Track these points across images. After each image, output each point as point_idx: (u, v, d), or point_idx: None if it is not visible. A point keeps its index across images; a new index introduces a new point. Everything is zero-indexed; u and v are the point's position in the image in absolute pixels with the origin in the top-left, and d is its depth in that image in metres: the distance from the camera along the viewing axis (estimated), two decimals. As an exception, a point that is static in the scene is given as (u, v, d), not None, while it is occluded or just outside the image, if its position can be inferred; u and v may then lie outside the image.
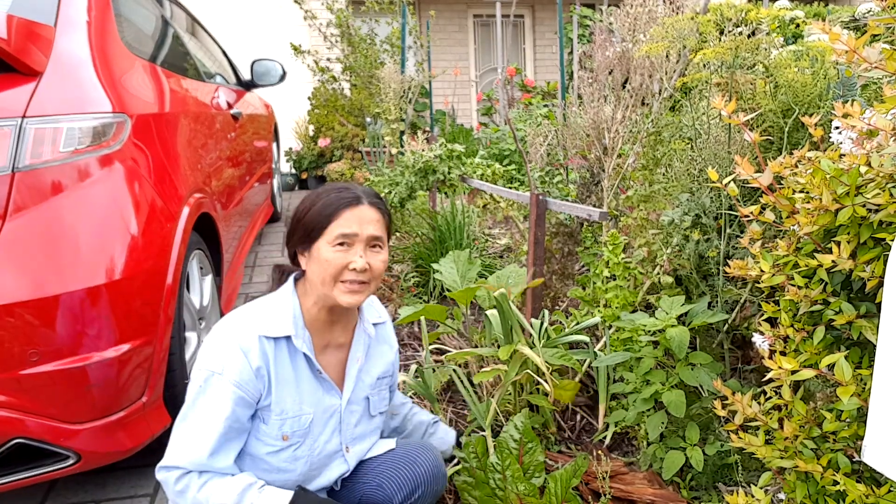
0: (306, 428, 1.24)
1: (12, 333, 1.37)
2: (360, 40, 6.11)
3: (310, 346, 1.24)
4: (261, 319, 1.21)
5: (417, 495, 1.33)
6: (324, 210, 1.21)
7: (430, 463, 1.36)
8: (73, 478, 1.79)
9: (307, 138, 6.72)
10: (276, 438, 1.21)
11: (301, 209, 1.25)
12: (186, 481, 1.12)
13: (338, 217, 1.20)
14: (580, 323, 1.96)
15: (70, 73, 1.62)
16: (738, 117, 1.15)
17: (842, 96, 1.48)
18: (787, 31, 2.75)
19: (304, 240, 1.23)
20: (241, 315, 1.22)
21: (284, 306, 1.23)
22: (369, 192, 1.27)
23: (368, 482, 1.34)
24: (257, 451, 1.22)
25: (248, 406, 1.17)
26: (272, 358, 1.19)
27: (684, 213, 1.77)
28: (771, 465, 1.07)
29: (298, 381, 1.23)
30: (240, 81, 3.69)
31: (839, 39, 0.91)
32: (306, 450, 1.25)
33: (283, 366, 1.21)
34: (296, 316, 1.23)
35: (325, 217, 1.20)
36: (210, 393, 1.14)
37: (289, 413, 1.21)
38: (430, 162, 2.98)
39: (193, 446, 1.13)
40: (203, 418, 1.14)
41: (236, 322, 1.20)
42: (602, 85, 2.41)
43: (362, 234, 1.21)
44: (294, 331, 1.21)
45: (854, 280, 0.97)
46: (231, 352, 1.16)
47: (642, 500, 1.54)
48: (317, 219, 1.21)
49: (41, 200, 1.46)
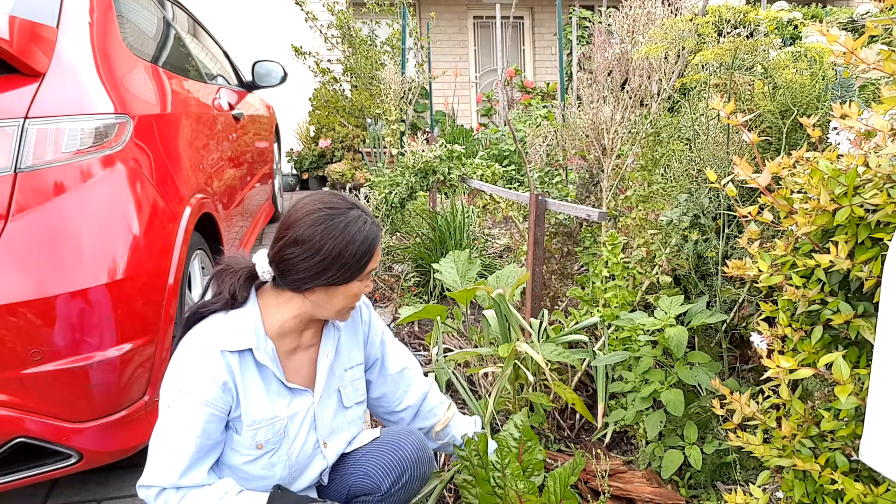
0: (280, 433, 1.24)
1: (15, 333, 1.37)
2: (360, 42, 6.12)
3: (273, 356, 1.22)
4: (221, 334, 1.18)
5: (404, 480, 1.34)
6: (363, 251, 1.18)
7: (414, 447, 1.36)
8: (74, 477, 1.79)
9: (308, 139, 6.72)
10: (251, 448, 1.21)
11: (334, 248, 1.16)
12: (165, 497, 1.13)
13: (374, 255, 1.21)
14: (579, 322, 1.97)
15: (72, 74, 1.63)
16: (736, 118, 1.16)
17: (840, 97, 1.49)
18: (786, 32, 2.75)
19: (339, 280, 1.18)
20: (203, 331, 1.20)
21: (245, 319, 1.21)
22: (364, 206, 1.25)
23: (355, 472, 1.35)
24: (234, 461, 1.22)
25: (219, 420, 1.17)
26: (237, 370, 1.18)
27: (683, 213, 1.78)
28: (769, 463, 1.07)
29: (268, 388, 1.22)
30: (241, 82, 3.70)
31: (837, 41, 0.92)
32: (283, 455, 1.25)
33: (250, 376, 1.20)
34: (257, 327, 1.21)
35: (365, 259, 1.19)
36: (178, 412, 1.14)
37: (261, 422, 1.21)
38: (430, 162, 2.99)
39: (166, 466, 1.13)
40: (173, 438, 1.14)
41: (198, 339, 1.19)
42: (601, 86, 2.41)
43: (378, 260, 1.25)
44: (255, 343, 1.19)
45: (852, 280, 0.97)
46: (195, 369, 1.15)
47: (640, 498, 1.54)
48: (356, 261, 1.18)
49: (43, 201, 1.46)
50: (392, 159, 4.79)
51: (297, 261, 1.17)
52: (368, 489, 1.33)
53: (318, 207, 1.19)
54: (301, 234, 1.16)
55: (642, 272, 1.99)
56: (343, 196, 1.24)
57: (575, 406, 1.73)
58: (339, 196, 1.24)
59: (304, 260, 1.16)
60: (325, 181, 6.28)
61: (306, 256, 1.16)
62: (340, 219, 1.17)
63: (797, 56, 1.68)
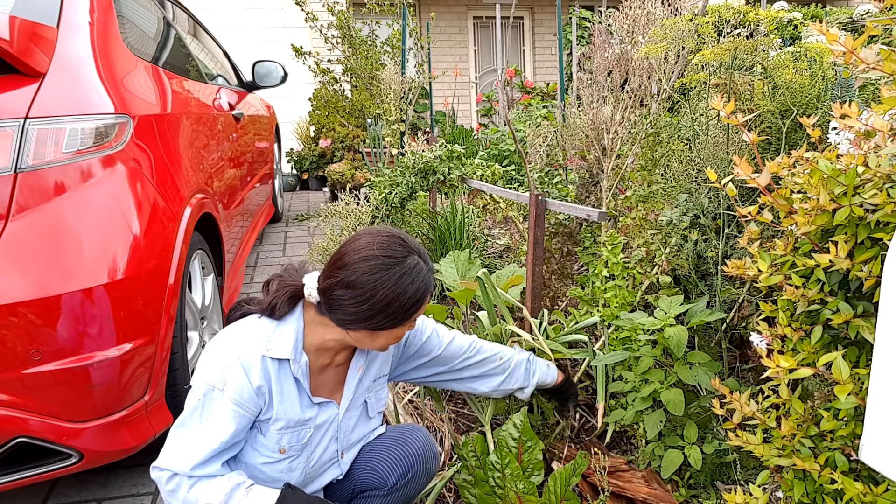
0: (304, 441, 1.25)
1: (15, 333, 1.37)
2: (360, 42, 6.12)
3: (304, 370, 1.22)
4: (265, 339, 1.19)
5: (411, 475, 1.35)
6: (413, 302, 1.16)
7: (421, 442, 1.37)
8: (74, 477, 1.79)
9: (308, 139, 6.72)
10: (273, 451, 1.22)
11: (385, 296, 1.13)
12: (177, 482, 1.14)
13: (424, 304, 1.18)
14: (579, 322, 1.97)
15: (72, 74, 1.63)
16: (736, 118, 1.16)
17: (839, 97, 1.49)
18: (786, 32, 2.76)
19: (385, 326, 1.17)
20: (244, 331, 1.20)
21: (288, 329, 1.21)
22: (422, 252, 1.20)
23: (362, 467, 1.36)
24: (253, 460, 1.23)
25: (246, 422, 1.18)
26: (274, 377, 1.19)
27: (683, 213, 1.78)
28: (769, 463, 1.07)
29: (301, 397, 1.24)
30: (241, 83, 3.70)
31: (837, 41, 0.92)
32: (302, 461, 1.26)
33: (287, 383, 1.21)
34: (297, 341, 1.21)
35: (414, 310, 1.17)
36: (209, 407, 1.14)
37: (290, 429, 1.22)
38: (430, 162, 2.99)
39: (186, 455, 1.13)
40: (199, 431, 1.14)
41: (240, 338, 1.19)
42: (601, 86, 2.41)
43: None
44: (293, 355, 1.20)
45: (851, 280, 0.97)
46: (233, 368, 1.15)
47: (636, 497, 1.55)
48: (405, 311, 1.16)
49: (44, 201, 1.46)
50: (392, 159, 4.79)
51: (345, 303, 1.15)
52: (375, 484, 1.34)
53: (376, 254, 1.15)
54: (354, 280, 1.14)
55: (642, 272, 1.99)
56: (403, 239, 1.19)
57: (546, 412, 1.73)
58: (399, 240, 1.19)
59: (353, 305, 1.14)
60: (325, 181, 6.27)
61: (355, 302, 1.14)
62: (396, 269, 1.14)
63: (797, 56, 1.68)
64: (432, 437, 1.45)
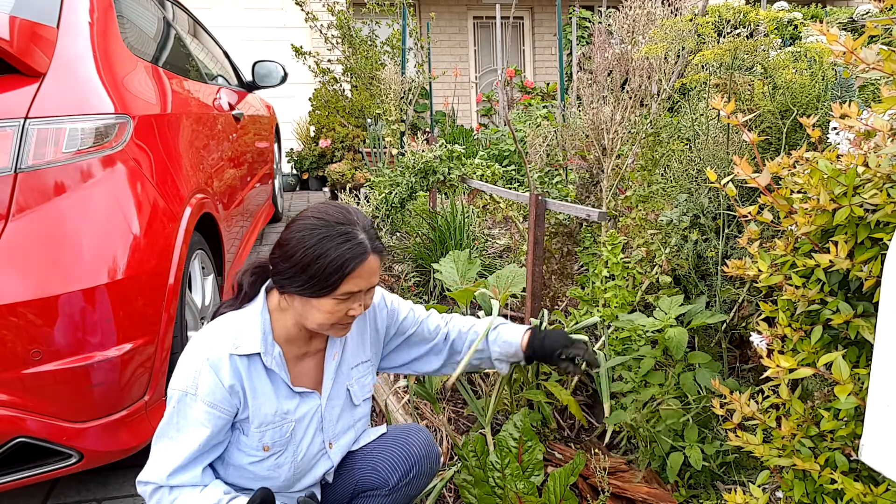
0: (287, 436, 1.24)
1: (15, 333, 1.37)
2: (360, 42, 6.12)
3: (280, 361, 1.22)
4: (230, 337, 1.18)
5: (412, 475, 1.34)
6: (333, 269, 1.12)
7: (422, 442, 1.37)
8: (74, 477, 1.79)
9: (308, 139, 6.73)
10: (257, 449, 1.21)
11: (304, 257, 1.12)
12: (159, 495, 1.14)
13: (348, 277, 1.13)
14: (579, 322, 1.97)
15: (72, 74, 1.63)
16: (736, 118, 1.16)
17: (839, 97, 1.49)
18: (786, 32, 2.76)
19: (309, 292, 1.15)
20: (211, 332, 1.20)
21: (253, 322, 1.21)
22: (369, 229, 1.18)
23: (363, 467, 1.35)
24: (240, 461, 1.22)
25: (223, 423, 1.17)
26: (245, 374, 1.18)
27: (683, 213, 1.78)
28: (769, 463, 1.07)
29: (276, 391, 1.23)
30: (241, 83, 3.70)
31: (837, 41, 0.92)
32: (289, 456, 1.25)
33: (259, 379, 1.21)
34: (265, 332, 1.20)
35: (335, 279, 1.13)
36: (183, 413, 1.14)
37: (268, 424, 1.21)
38: (430, 162, 2.99)
39: (164, 464, 1.14)
40: (177, 438, 1.14)
41: (206, 340, 1.19)
42: (601, 86, 2.41)
43: (366, 288, 1.18)
44: (263, 348, 1.19)
45: (851, 280, 0.97)
46: (202, 371, 1.15)
47: (636, 498, 1.55)
48: (325, 278, 1.12)
49: (44, 201, 1.46)
50: (392, 159, 4.79)
51: (277, 261, 1.17)
52: (376, 484, 1.33)
53: (311, 215, 1.17)
54: (284, 237, 1.17)
55: (642, 272, 1.99)
56: (347, 210, 1.18)
57: (570, 408, 1.73)
58: (344, 210, 1.18)
59: (281, 262, 1.16)
60: (325, 181, 6.27)
61: (282, 259, 1.16)
62: (321, 231, 1.14)
63: (797, 56, 1.68)
64: (433, 437, 1.44)
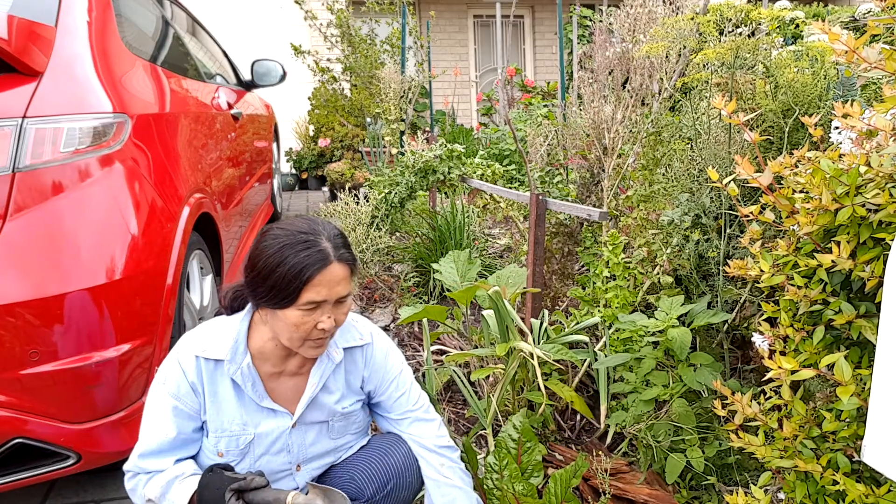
0: (244, 448, 1.24)
1: (13, 333, 1.37)
2: (360, 41, 6.11)
3: (248, 372, 1.21)
4: (203, 340, 1.22)
5: (389, 487, 1.32)
6: (292, 276, 1.10)
7: (402, 455, 1.34)
8: (73, 478, 1.79)
9: (307, 138, 6.72)
10: (213, 453, 1.24)
11: (264, 266, 1.13)
12: (135, 481, 1.21)
13: (308, 285, 1.11)
14: (580, 323, 1.96)
15: (70, 73, 1.62)
16: (738, 117, 1.15)
17: (841, 96, 1.48)
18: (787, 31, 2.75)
19: (272, 304, 1.14)
20: (192, 333, 1.26)
21: (230, 330, 1.22)
22: (334, 238, 1.16)
23: (341, 475, 1.34)
24: (202, 461, 1.26)
25: (189, 418, 1.22)
26: (206, 377, 1.21)
27: (684, 213, 1.77)
28: (771, 464, 1.07)
29: (240, 401, 1.23)
30: (240, 82, 3.69)
31: (839, 40, 0.91)
32: (245, 467, 1.26)
33: (223, 385, 1.22)
34: (238, 341, 1.21)
35: (295, 286, 1.11)
36: (154, 402, 1.22)
37: (225, 432, 1.23)
38: (430, 162, 2.98)
39: (136, 450, 1.21)
40: (147, 426, 1.21)
41: (185, 340, 1.25)
42: (602, 85, 2.41)
43: (331, 299, 1.14)
44: (230, 356, 1.20)
45: (854, 280, 0.97)
46: (172, 366, 1.21)
47: (637, 499, 1.54)
48: (287, 287, 1.11)
49: (42, 200, 1.46)
50: (392, 159, 4.78)
51: (246, 273, 1.18)
52: (353, 495, 1.31)
53: (277, 226, 1.17)
54: (251, 249, 1.18)
55: (643, 272, 1.98)
56: (314, 223, 1.18)
57: (574, 405, 1.72)
58: (311, 221, 1.18)
59: (248, 273, 1.17)
60: (324, 181, 6.27)
61: (249, 270, 1.17)
62: (282, 239, 1.14)
63: (799, 55, 1.67)
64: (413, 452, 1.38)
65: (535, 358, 1.65)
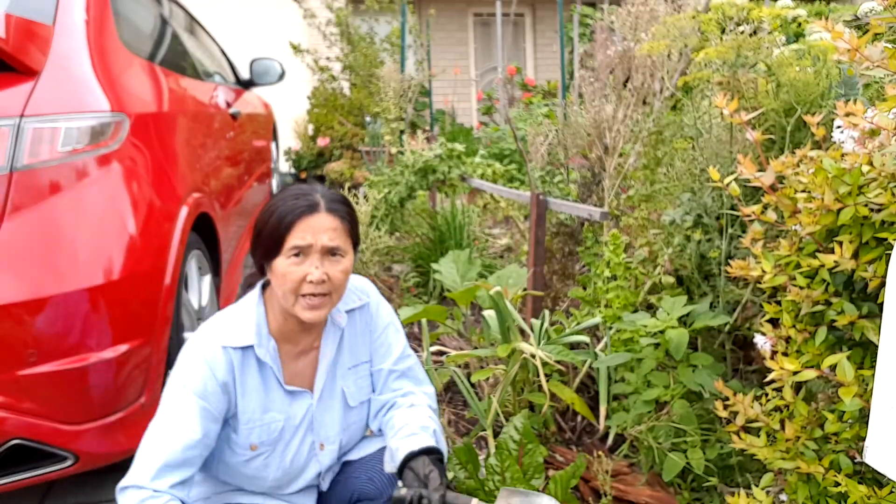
0: (276, 435, 1.23)
1: (10, 334, 1.36)
2: (359, 39, 6.10)
3: (274, 355, 1.21)
4: (224, 330, 1.19)
5: None
6: (279, 223, 1.14)
7: None
8: (71, 479, 1.78)
9: (306, 137, 6.71)
10: (245, 448, 1.21)
11: (260, 221, 1.18)
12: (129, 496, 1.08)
13: (293, 229, 1.14)
14: (581, 323, 1.95)
15: (68, 72, 1.61)
16: (739, 116, 1.15)
17: (844, 95, 1.47)
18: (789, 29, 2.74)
19: (265, 255, 1.17)
20: (206, 327, 1.21)
21: (248, 315, 1.21)
22: (330, 195, 1.20)
23: (359, 476, 1.33)
24: (229, 459, 1.22)
25: (213, 420, 1.15)
26: (238, 368, 1.18)
27: (686, 212, 1.76)
28: (773, 466, 1.06)
29: (267, 388, 1.22)
30: (238, 80, 3.68)
31: (841, 38, 0.91)
32: (277, 457, 1.24)
33: (251, 375, 1.20)
34: (259, 324, 1.20)
35: (280, 231, 1.14)
36: (175, 407, 1.13)
37: (257, 422, 1.21)
38: (429, 161, 2.97)
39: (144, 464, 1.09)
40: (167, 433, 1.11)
41: (202, 334, 1.19)
42: (603, 84, 2.40)
43: (317, 244, 1.14)
44: (257, 340, 1.19)
45: (856, 280, 0.96)
46: (195, 364, 1.15)
47: (639, 501, 1.53)
48: (273, 233, 1.15)
49: (39, 200, 1.45)
50: (391, 158, 4.77)
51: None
52: (372, 494, 1.31)
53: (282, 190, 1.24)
54: None
55: (644, 272, 1.97)
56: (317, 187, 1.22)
57: (574, 406, 1.71)
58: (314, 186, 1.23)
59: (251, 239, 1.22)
60: (323, 180, 6.26)
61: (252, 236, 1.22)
62: (278, 196, 1.20)
63: (801, 54, 1.66)
64: None
65: (536, 359, 1.65)
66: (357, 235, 1.25)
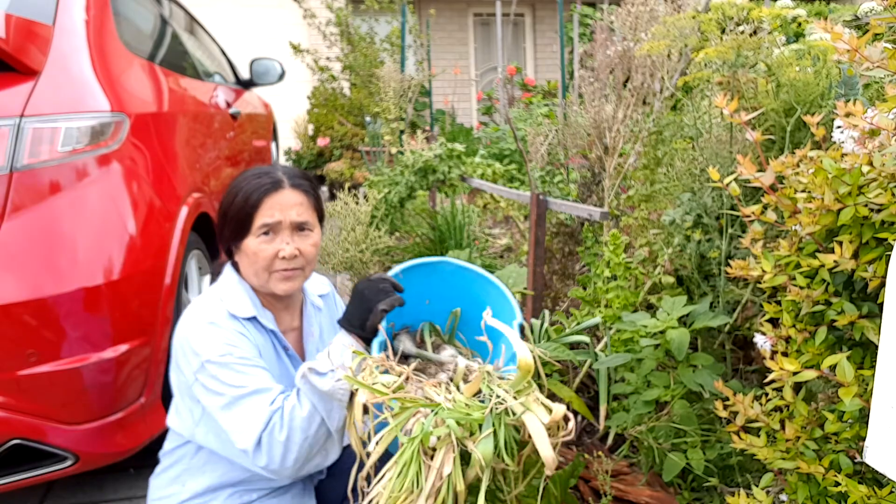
0: None
1: (10, 334, 1.36)
2: (359, 39, 6.10)
3: (275, 324, 1.23)
4: (224, 302, 1.18)
5: None
6: (245, 202, 1.16)
7: None
8: (71, 479, 1.78)
9: (306, 138, 6.70)
10: None
11: (225, 202, 1.20)
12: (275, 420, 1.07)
13: (259, 207, 1.16)
14: (581, 323, 1.95)
15: (68, 72, 1.61)
16: (739, 116, 1.15)
17: (844, 95, 1.47)
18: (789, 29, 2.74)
19: (233, 236, 1.19)
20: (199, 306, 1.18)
21: (236, 291, 1.21)
22: (292, 172, 1.22)
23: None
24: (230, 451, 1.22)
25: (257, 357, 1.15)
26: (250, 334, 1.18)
27: (686, 212, 1.76)
28: (772, 466, 1.06)
29: (268, 361, 1.23)
30: (238, 80, 3.68)
31: (841, 38, 0.91)
32: None
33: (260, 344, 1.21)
34: (251, 298, 1.22)
35: (247, 210, 1.16)
36: (234, 366, 1.10)
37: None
38: (429, 161, 2.97)
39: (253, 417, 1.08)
40: (245, 388, 1.09)
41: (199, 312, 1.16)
42: (603, 84, 2.40)
43: (286, 221, 1.17)
44: (257, 311, 1.21)
45: (856, 280, 0.96)
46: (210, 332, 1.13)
47: (639, 501, 1.53)
48: (240, 213, 1.16)
49: (39, 200, 1.45)
50: (391, 158, 4.77)
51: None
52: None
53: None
54: None
55: (644, 272, 1.97)
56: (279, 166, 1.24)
57: (572, 405, 1.71)
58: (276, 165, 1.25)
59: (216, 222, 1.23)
60: (323, 180, 6.26)
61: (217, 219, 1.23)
62: (240, 177, 1.21)
63: (801, 54, 1.66)
64: None
65: (536, 359, 1.65)
66: (322, 210, 1.26)
